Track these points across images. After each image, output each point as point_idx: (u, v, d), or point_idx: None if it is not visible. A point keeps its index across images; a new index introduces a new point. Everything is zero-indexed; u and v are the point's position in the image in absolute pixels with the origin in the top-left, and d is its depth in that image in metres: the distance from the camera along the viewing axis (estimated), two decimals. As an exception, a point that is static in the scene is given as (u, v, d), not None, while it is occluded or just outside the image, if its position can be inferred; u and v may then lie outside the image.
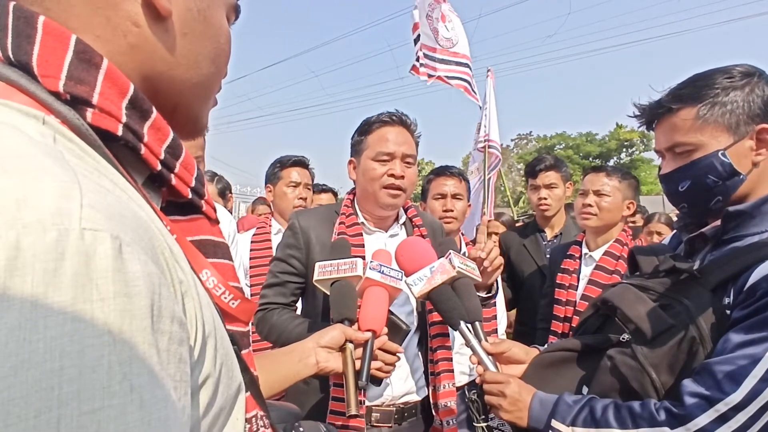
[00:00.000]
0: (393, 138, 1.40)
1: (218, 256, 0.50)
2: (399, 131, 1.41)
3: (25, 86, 0.35)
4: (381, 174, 1.38)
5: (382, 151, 1.38)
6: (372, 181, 1.39)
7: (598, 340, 1.00)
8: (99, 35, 0.40)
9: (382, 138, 1.40)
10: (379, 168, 1.38)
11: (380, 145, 1.39)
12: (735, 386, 0.74)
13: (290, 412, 0.72)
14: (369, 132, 1.43)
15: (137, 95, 0.40)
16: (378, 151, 1.39)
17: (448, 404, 1.36)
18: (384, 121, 1.42)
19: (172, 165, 0.44)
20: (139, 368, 0.27)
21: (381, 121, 1.42)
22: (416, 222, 1.53)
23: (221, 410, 0.41)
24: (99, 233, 0.27)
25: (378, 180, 1.38)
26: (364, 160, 1.42)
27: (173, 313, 0.31)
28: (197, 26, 0.46)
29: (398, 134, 1.41)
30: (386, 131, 1.41)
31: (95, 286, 0.26)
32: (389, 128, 1.41)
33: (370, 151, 1.40)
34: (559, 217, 2.54)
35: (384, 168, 1.38)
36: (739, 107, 0.87)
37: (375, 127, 1.42)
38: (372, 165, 1.39)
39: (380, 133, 1.41)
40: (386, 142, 1.39)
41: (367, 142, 1.42)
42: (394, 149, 1.38)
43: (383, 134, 1.40)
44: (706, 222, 0.96)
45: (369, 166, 1.40)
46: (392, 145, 1.39)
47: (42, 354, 0.24)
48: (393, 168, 1.38)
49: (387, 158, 1.39)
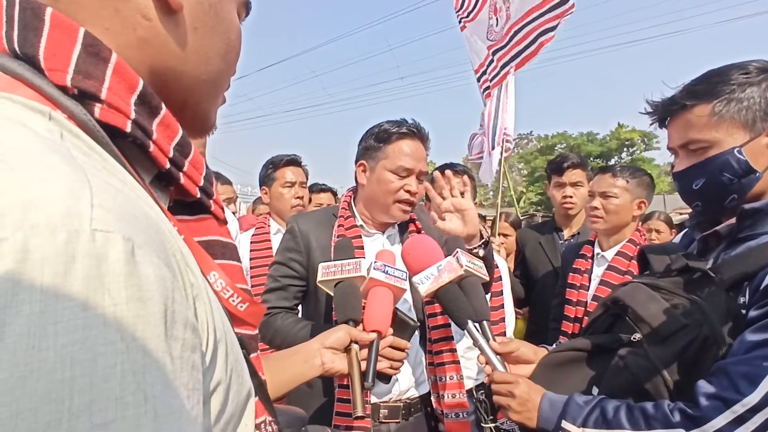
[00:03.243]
0: (412, 153, 1.41)
1: (226, 257, 0.49)
2: (418, 146, 1.43)
3: (30, 80, 0.33)
4: (397, 188, 1.39)
5: (403, 166, 1.39)
6: (387, 194, 1.40)
7: (609, 340, 0.99)
8: (108, 28, 0.38)
9: (402, 152, 1.40)
10: (397, 182, 1.39)
11: (400, 159, 1.39)
12: (752, 387, 0.73)
13: (297, 416, 0.71)
14: (389, 141, 1.42)
15: (146, 91, 0.39)
16: (398, 165, 1.39)
17: (456, 395, 1.36)
18: (404, 133, 1.42)
19: (181, 163, 0.42)
20: (153, 377, 0.26)
21: (401, 133, 1.42)
22: (417, 225, 1.52)
23: (231, 417, 0.40)
24: (111, 235, 0.26)
25: (393, 194, 1.39)
26: (381, 170, 1.41)
27: (186, 318, 0.30)
28: (208, 21, 0.44)
29: (417, 149, 1.42)
30: (407, 145, 1.41)
31: (107, 290, 0.25)
32: (410, 142, 1.42)
33: (389, 162, 1.40)
34: (579, 217, 2.50)
35: (401, 183, 1.39)
36: (755, 103, 0.86)
37: (395, 138, 1.42)
38: (389, 177, 1.40)
39: (400, 145, 1.41)
40: (406, 158, 1.40)
41: (385, 152, 1.42)
42: (413, 165, 1.40)
43: (403, 148, 1.41)
44: (719, 220, 0.95)
45: (386, 177, 1.40)
46: (412, 161, 1.40)
47: (52, 363, 0.22)
48: (409, 185, 1.39)
49: (406, 174, 1.40)
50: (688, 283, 0.92)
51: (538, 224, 2.88)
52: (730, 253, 0.90)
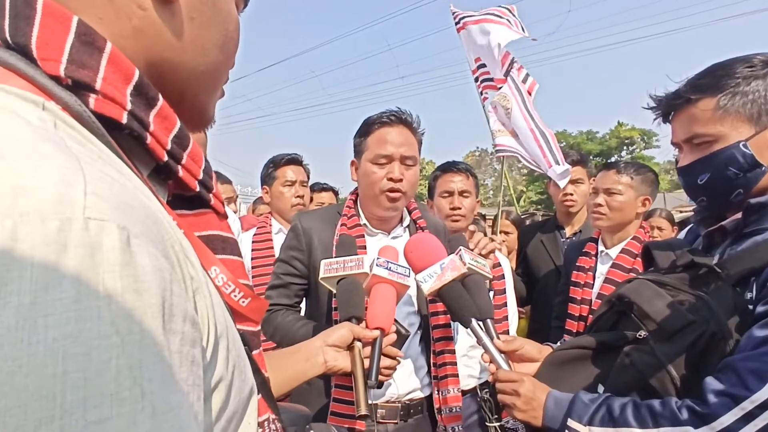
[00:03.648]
0: (392, 139, 1.36)
1: (227, 252, 0.48)
2: (399, 131, 1.37)
3: (23, 70, 0.32)
4: (380, 177, 1.35)
5: (381, 154, 1.35)
6: (371, 185, 1.36)
7: (614, 337, 0.98)
8: (102, 18, 0.37)
9: (380, 140, 1.36)
10: (378, 171, 1.35)
11: (378, 148, 1.36)
12: (761, 383, 0.72)
13: (301, 414, 0.70)
14: (369, 133, 1.40)
15: (143, 81, 0.38)
16: (376, 153, 1.35)
17: (454, 409, 1.35)
18: (383, 121, 1.38)
19: (180, 156, 0.41)
20: (150, 372, 0.25)
21: (380, 122, 1.38)
22: (420, 224, 1.50)
23: (234, 414, 0.39)
24: (105, 223, 0.25)
25: (377, 184, 1.35)
26: (364, 163, 1.39)
27: (185, 311, 0.29)
28: (205, 11, 0.43)
29: (398, 135, 1.37)
30: (385, 132, 1.37)
31: (101, 281, 0.24)
32: (388, 129, 1.37)
33: (369, 153, 1.37)
34: (581, 215, 2.49)
35: (383, 171, 1.35)
36: (761, 97, 0.85)
37: (374, 128, 1.38)
38: (371, 168, 1.36)
39: (379, 134, 1.37)
40: (385, 144, 1.35)
41: (366, 144, 1.39)
42: (392, 151, 1.35)
43: (382, 136, 1.37)
44: (724, 216, 0.94)
45: (368, 169, 1.37)
46: (390, 147, 1.35)
47: (42, 357, 0.21)
48: (392, 171, 1.34)
49: (385, 161, 1.35)
50: (694, 279, 0.91)
51: (540, 222, 2.86)
52: (736, 249, 0.89)
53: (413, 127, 1.42)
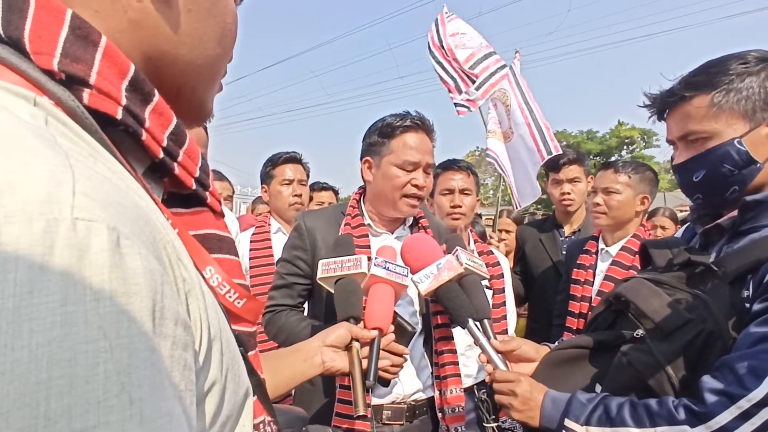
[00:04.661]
0: (418, 146, 1.38)
1: (223, 251, 0.47)
2: (422, 138, 1.40)
3: (15, 64, 0.32)
4: (404, 183, 1.37)
5: (409, 161, 1.37)
6: (394, 189, 1.38)
7: (611, 337, 0.98)
8: (97, 10, 0.37)
9: (407, 145, 1.38)
10: (403, 176, 1.37)
11: (406, 153, 1.37)
12: (757, 382, 0.72)
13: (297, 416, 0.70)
14: (392, 136, 1.40)
15: (138, 76, 0.37)
16: (404, 159, 1.37)
17: (456, 410, 1.35)
18: (408, 126, 1.40)
19: (176, 153, 0.41)
20: (140, 378, 0.24)
21: (405, 126, 1.40)
22: (423, 224, 1.51)
23: (228, 418, 0.38)
24: (94, 224, 0.24)
25: (400, 189, 1.37)
26: (387, 165, 1.39)
27: (177, 314, 0.28)
28: (203, 3, 0.43)
29: (422, 142, 1.40)
30: (411, 138, 1.39)
31: (89, 284, 0.23)
32: (414, 135, 1.39)
33: (394, 157, 1.38)
34: (579, 213, 2.49)
35: (408, 177, 1.37)
36: (755, 93, 0.85)
37: (399, 132, 1.39)
38: (396, 172, 1.37)
39: (405, 139, 1.39)
40: (412, 151, 1.37)
41: (390, 147, 1.40)
42: (419, 159, 1.37)
43: (408, 141, 1.38)
44: (720, 213, 0.94)
45: (392, 172, 1.38)
46: (418, 155, 1.37)
47: (26, 364, 0.20)
48: (417, 178, 1.37)
49: (412, 168, 1.38)
50: (691, 278, 0.91)
51: (539, 221, 2.87)
52: (732, 246, 0.89)
53: (432, 135, 1.45)
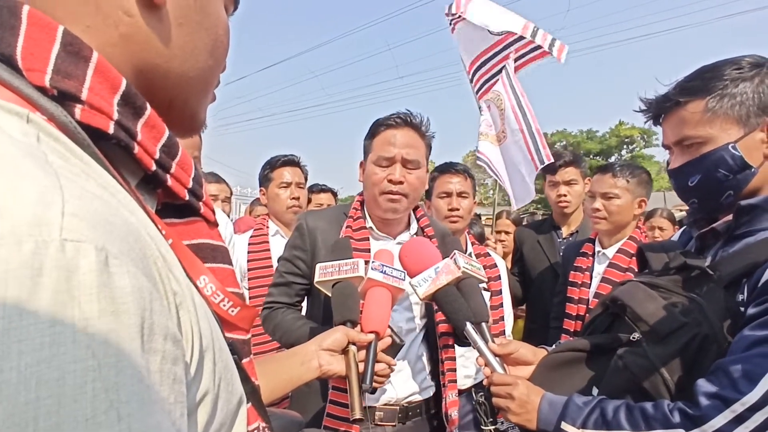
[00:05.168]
0: (395, 141, 1.36)
1: (217, 260, 0.48)
2: (404, 133, 1.37)
3: (8, 81, 0.32)
4: (381, 179, 1.35)
5: (383, 156, 1.36)
6: (372, 186, 1.37)
7: (608, 340, 0.98)
8: (89, 26, 0.37)
9: (385, 141, 1.37)
10: (380, 173, 1.36)
11: (382, 149, 1.36)
12: (752, 385, 0.72)
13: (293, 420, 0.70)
14: (375, 135, 1.40)
15: (130, 91, 0.38)
16: (379, 155, 1.36)
17: (452, 414, 1.36)
18: (388, 123, 1.39)
19: (168, 165, 0.41)
20: (128, 394, 0.24)
21: (386, 124, 1.39)
22: (428, 233, 1.50)
23: (221, 426, 0.39)
24: (82, 245, 0.24)
25: (378, 185, 1.36)
26: (369, 165, 1.40)
27: (166, 329, 0.29)
28: (194, 16, 0.43)
29: (402, 137, 1.37)
30: (390, 134, 1.37)
31: (77, 305, 0.23)
32: (394, 131, 1.38)
33: (373, 154, 1.38)
34: (577, 215, 2.49)
35: (384, 173, 1.36)
36: (749, 99, 0.85)
37: (381, 130, 1.39)
38: (374, 169, 1.37)
39: (384, 136, 1.38)
40: (387, 146, 1.36)
41: (372, 145, 1.40)
42: (394, 153, 1.35)
43: (387, 137, 1.37)
44: (716, 217, 0.94)
45: (371, 170, 1.38)
46: (393, 149, 1.35)
47: (15, 385, 0.21)
48: (392, 173, 1.35)
49: (387, 163, 1.36)
50: (687, 281, 0.92)
51: (537, 222, 2.87)
52: (728, 250, 0.90)
53: (421, 130, 1.42)
